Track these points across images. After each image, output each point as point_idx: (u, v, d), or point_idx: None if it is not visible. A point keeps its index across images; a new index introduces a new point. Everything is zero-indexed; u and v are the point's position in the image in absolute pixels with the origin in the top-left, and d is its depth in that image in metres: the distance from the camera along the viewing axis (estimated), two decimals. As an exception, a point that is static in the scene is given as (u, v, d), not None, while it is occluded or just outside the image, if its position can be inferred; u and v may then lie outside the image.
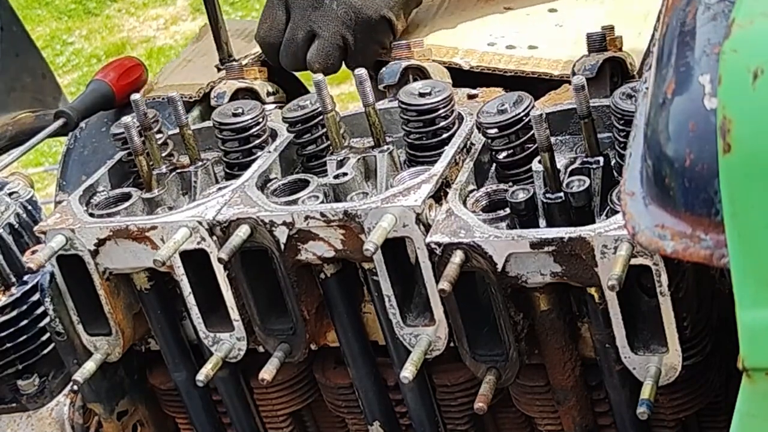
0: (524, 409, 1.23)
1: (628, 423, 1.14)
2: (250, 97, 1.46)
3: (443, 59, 1.46)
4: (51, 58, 5.33)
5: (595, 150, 1.12)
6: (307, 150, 1.30)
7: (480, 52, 1.47)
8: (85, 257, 1.25)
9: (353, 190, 1.19)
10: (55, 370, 1.43)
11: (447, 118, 1.22)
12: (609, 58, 1.26)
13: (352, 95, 4.26)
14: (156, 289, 1.29)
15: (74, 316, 1.30)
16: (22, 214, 1.45)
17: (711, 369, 1.13)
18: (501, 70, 1.43)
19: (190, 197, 1.31)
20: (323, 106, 1.24)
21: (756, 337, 0.68)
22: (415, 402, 1.25)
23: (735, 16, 0.66)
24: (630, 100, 1.13)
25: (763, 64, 0.63)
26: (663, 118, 0.73)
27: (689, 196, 0.71)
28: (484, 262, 1.06)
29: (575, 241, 1.02)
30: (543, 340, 1.12)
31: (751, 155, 0.64)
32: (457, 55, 1.46)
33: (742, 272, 0.67)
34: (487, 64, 1.45)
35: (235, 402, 1.35)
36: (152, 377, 1.41)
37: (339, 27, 1.45)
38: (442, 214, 1.10)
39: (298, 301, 1.20)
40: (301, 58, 1.48)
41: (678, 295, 1.02)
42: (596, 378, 1.16)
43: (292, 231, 1.15)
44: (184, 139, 1.33)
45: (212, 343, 1.25)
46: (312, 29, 1.47)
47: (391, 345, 1.21)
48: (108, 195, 1.32)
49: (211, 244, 1.18)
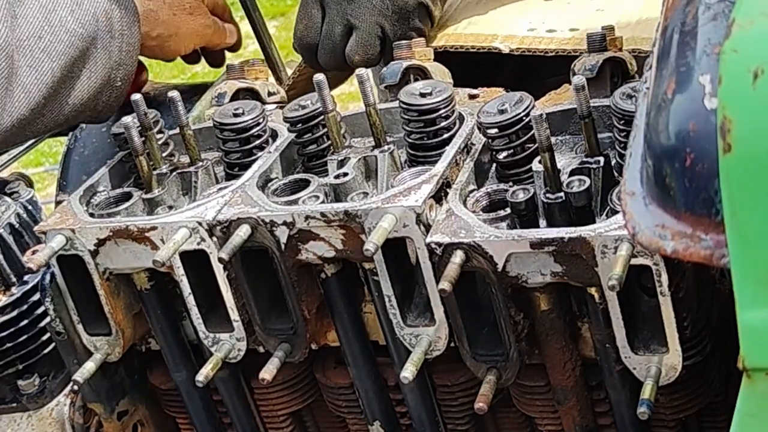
0: (524, 409, 1.23)
1: (628, 423, 1.14)
2: (251, 98, 1.46)
3: (482, 44, 1.45)
4: (51, 58, 5.31)
5: (595, 150, 1.12)
6: (308, 150, 1.30)
7: (520, 36, 1.46)
8: (85, 257, 1.25)
9: (354, 190, 1.19)
10: (55, 370, 1.42)
11: (448, 118, 1.22)
12: (609, 58, 1.26)
13: (352, 95, 4.26)
14: (156, 289, 1.30)
15: (74, 316, 1.30)
16: (22, 214, 1.45)
17: (711, 369, 1.13)
18: (542, 51, 1.42)
19: (191, 197, 1.31)
20: (324, 106, 1.24)
21: (756, 337, 0.68)
22: (415, 402, 1.25)
23: (735, 16, 0.66)
24: (630, 100, 1.13)
25: (764, 64, 0.63)
26: (663, 118, 0.73)
27: (689, 196, 0.71)
28: (484, 262, 1.06)
29: (575, 241, 1.02)
30: (543, 340, 1.12)
31: (751, 155, 0.64)
32: (497, 41, 1.46)
33: (742, 272, 0.67)
34: (527, 46, 1.44)
35: (235, 402, 1.35)
36: (152, 377, 1.41)
37: (376, 16, 1.44)
38: (443, 214, 1.10)
39: (299, 301, 1.20)
40: (339, 54, 1.47)
41: (678, 295, 1.03)
42: (596, 378, 1.16)
43: (292, 231, 1.15)
44: (185, 139, 1.33)
45: (212, 343, 1.25)
46: (349, 22, 1.46)
47: (391, 345, 1.21)
48: (108, 195, 1.33)
49: (211, 244, 1.18)
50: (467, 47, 1.50)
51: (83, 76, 1.43)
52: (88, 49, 1.42)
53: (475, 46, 1.47)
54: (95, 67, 1.43)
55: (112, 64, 1.45)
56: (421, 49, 1.41)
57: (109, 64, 1.45)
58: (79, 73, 1.42)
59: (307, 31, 1.50)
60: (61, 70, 1.40)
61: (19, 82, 1.37)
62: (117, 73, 1.46)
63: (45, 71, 1.38)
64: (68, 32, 1.40)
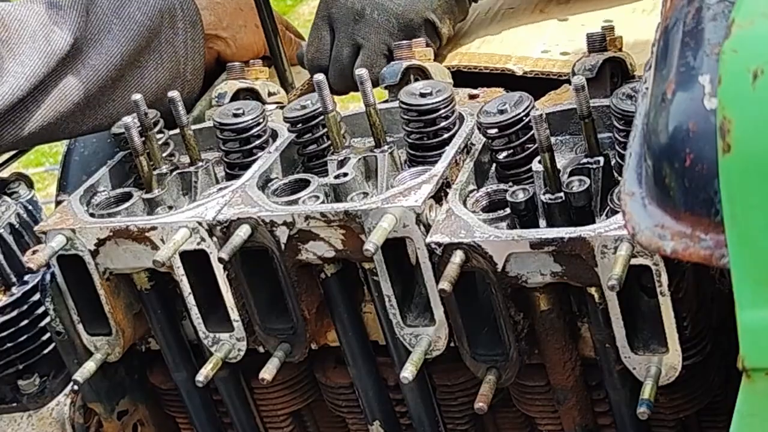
0: (524, 409, 1.23)
1: (628, 423, 1.14)
2: (251, 98, 1.46)
3: (496, 65, 1.45)
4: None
5: (595, 150, 1.12)
6: (308, 150, 1.30)
7: (534, 58, 1.46)
8: (85, 257, 1.25)
9: (354, 190, 1.19)
10: (55, 370, 1.43)
11: (448, 118, 1.22)
12: (609, 58, 1.26)
13: (352, 95, 4.25)
14: (156, 289, 1.30)
15: (74, 315, 1.30)
16: (22, 214, 1.46)
17: (711, 369, 1.13)
18: (555, 74, 1.42)
19: (191, 197, 1.31)
20: (324, 106, 1.24)
21: (756, 337, 0.68)
22: (415, 402, 1.25)
23: (735, 16, 0.66)
24: (630, 100, 1.13)
25: (763, 64, 0.63)
26: (663, 118, 0.73)
27: (689, 196, 0.71)
28: (484, 262, 1.06)
29: (575, 241, 1.02)
30: (543, 339, 1.12)
31: (750, 155, 0.64)
32: (510, 62, 1.45)
33: (742, 272, 0.67)
34: (541, 69, 1.44)
35: (235, 402, 1.35)
36: (152, 377, 1.41)
37: (382, 35, 1.44)
38: (443, 215, 1.10)
39: (299, 301, 1.20)
40: (348, 75, 1.47)
41: (678, 295, 1.03)
42: (596, 378, 1.16)
43: (292, 231, 1.15)
44: (185, 139, 1.33)
45: (212, 343, 1.25)
46: (356, 42, 1.46)
47: (391, 345, 1.21)
48: (108, 195, 1.33)
49: (211, 244, 1.18)
50: (480, 68, 1.50)
51: (150, 66, 1.51)
52: (153, 41, 1.51)
53: (489, 67, 1.47)
54: (161, 59, 1.52)
55: (178, 57, 1.53)
56: (421, 49, 1.41)
57: (176, 57, 1.53)
58: (146, 63, 1.51)
59: (318, 54, 1.51)
60: (129, 56, 1.48)
61: (86, 62, 1.46)
62: (186, 67, 1.55)
63: (114, 54, 1.47)
64: (136, 23, 1.49)
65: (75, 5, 1.47)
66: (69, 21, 1.45)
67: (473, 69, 1.50)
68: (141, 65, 1.51)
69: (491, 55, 1.48)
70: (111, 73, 1.47)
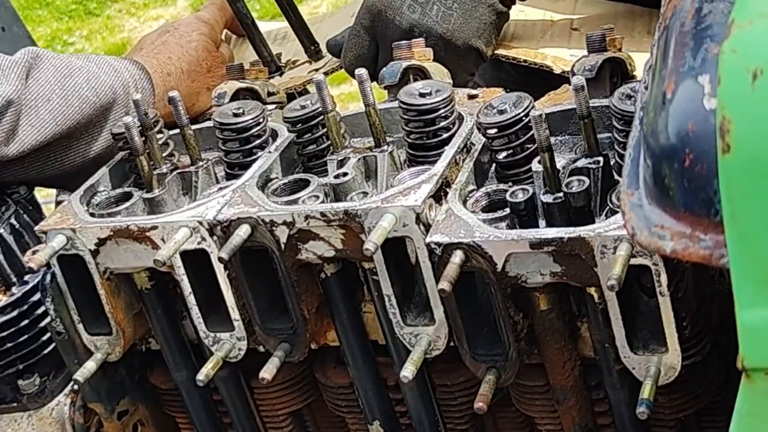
0: (524, 409, 1.23)
1: (627, 423, 1.14)
2: (251, 98, 1.46)
3: (534, 60, 1.45)
4: (52, 58, 5.32)
5: (594, 150, 1.12)
6: (308, 150, 1.30)
7: (567, 59, 1.46)
8: (85, 257, 1.25)
9: (353, 189, 1.19)
10: (55, 370, 1.42)
11: (447, 118, 1.22)
12: (609, 59, 1.26)
13: (352, 95, 4.26)
14: (157, 288, 1.30)
15: (75, 315, 1.30)
16: (22, 213, 1.46)
17: (710, 369, 1.13)
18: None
19: (191, 197, 1.31)
20: (324, 106, 1.24)
21: (755, 337, 0.68)
22: (415, 401, 1.25)
23: (735, 16, 0.66)
24: (630, 101, 1.13)
25: (763, 64, 0.64)
26: (662, 119, 0.73)
27: (689, 196, 0.71)
28: (484, 262, 1.06)
29: (575, 241, 1.02)
30: (543, 339, 1.13)
31: (750, 155, 0.64)
32: (547, 59, 1.46)
33: (742, 272, 0.67)
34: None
35: (235, 402, 1.36)
36: (153, 377, 1.42)
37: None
38: (442, 214, 1.10)
39: (299, 301, 1.20)
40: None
41: (677, 295, 1.03)
42: (596, 378, 1.16)
43: (292, 230, 1.16)
44: (185, 139, 1.33)
45: (212, 342, 1.25)
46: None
47: (391, 345, 1.22)
48: (109, 195, 1.33)
49: (212, 244, 1.18)
50: (519, 59, 1.51)
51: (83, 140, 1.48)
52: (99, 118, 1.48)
53: (528, 60, 1.47)
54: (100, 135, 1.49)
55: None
56: (420, 49, 1.41)
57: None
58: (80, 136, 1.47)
59: (356, 61, 1.52)
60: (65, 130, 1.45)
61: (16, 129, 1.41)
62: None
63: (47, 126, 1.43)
64: (80, 98, 1.46)
65: (15, 67, 1.41)
66: (5, 83, 1.39)
67: (512, 60, 1.50)
68: (76, 137, 1.47)
69: (527, 50, 1.48)
70: (37, 144, 1.43)
